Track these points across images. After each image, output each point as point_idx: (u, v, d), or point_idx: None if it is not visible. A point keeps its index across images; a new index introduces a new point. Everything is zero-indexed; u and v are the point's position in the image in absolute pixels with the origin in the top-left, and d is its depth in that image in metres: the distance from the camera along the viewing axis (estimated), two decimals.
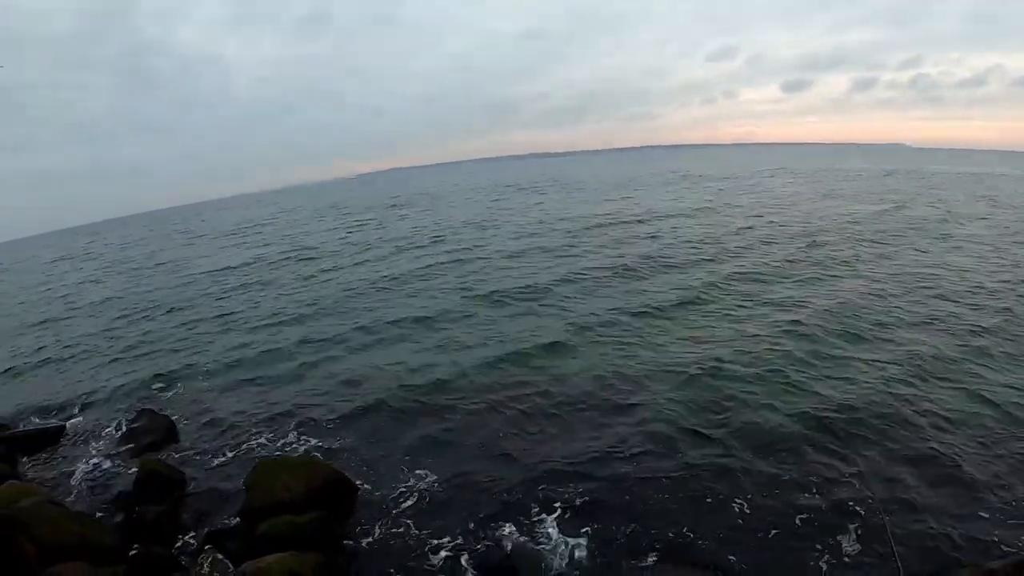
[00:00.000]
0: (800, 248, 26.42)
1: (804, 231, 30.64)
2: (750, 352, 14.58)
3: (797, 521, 8.68)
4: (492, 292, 22.29)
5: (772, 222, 34.31)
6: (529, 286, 22.49)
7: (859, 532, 8.30)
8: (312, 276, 29.66)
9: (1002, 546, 7.95)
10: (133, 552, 8.70)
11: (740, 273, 22.36)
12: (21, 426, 14.70)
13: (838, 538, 8.26)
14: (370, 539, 9.09)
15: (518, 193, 70.61)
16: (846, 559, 7.93)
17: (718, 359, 14.19)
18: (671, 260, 25.43)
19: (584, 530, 8.80)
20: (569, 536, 8.70)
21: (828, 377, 13.12)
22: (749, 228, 32.50)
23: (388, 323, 19.74)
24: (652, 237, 31.24)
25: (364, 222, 54.30)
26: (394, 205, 71.51)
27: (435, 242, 36.18)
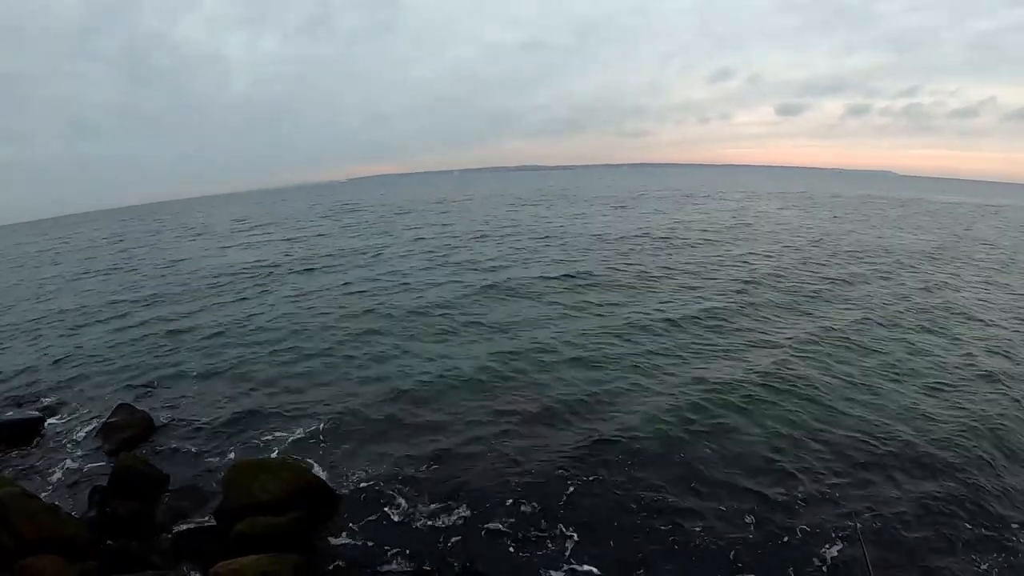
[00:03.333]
0: None
1: None
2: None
3: (779, 542, 8.90)
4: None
5: None
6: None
7: (837, 557, 8.53)
8: (311, 286, 28.08)
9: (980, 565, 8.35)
10: (107, 547, 8.69)
11: None
12: None
13: (816, 562, 8.49)
14: (349, 545, 9.13)
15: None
16: None
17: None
18: None
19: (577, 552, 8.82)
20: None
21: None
22: None
23: (385, 334, 19.48)
24: None
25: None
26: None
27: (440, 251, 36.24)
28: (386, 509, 9.91)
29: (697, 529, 9.16)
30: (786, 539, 8.92)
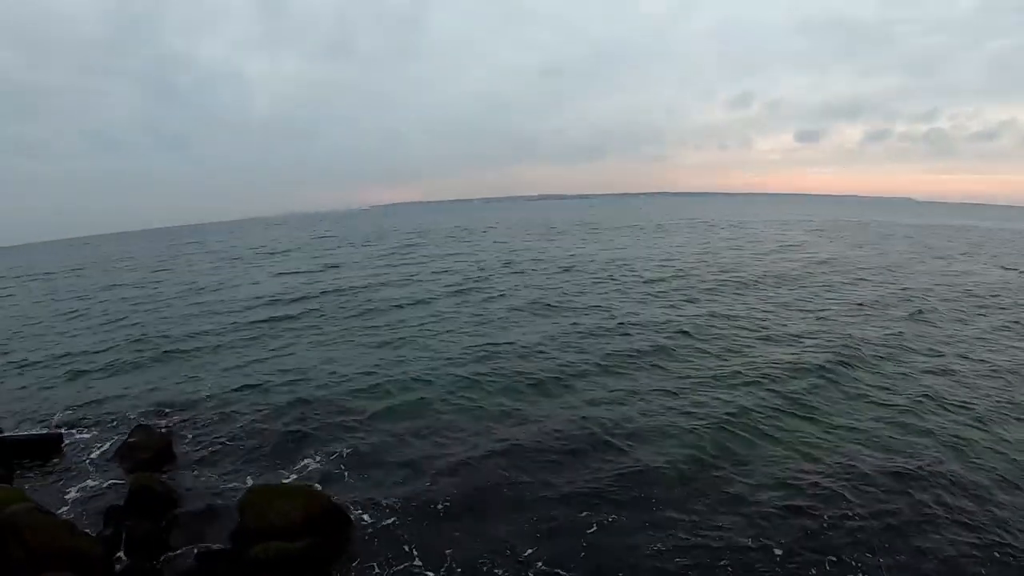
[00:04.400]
0: None
1: None
2: None
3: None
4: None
5: None
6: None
7: None
8: (341, 316, 27.19)
9: None
10: (120, 566, 8.57)
11: None
12: (17, 431, 14.63)
13: None
14: (363, 573, 8.87)
15: None
16: None
17: None
18: None
19: None
20: None
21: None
22: None
23: (416, 366, 18.81)
24: None
25: None
26: None
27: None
28: (403, 543, 9.57)
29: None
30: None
